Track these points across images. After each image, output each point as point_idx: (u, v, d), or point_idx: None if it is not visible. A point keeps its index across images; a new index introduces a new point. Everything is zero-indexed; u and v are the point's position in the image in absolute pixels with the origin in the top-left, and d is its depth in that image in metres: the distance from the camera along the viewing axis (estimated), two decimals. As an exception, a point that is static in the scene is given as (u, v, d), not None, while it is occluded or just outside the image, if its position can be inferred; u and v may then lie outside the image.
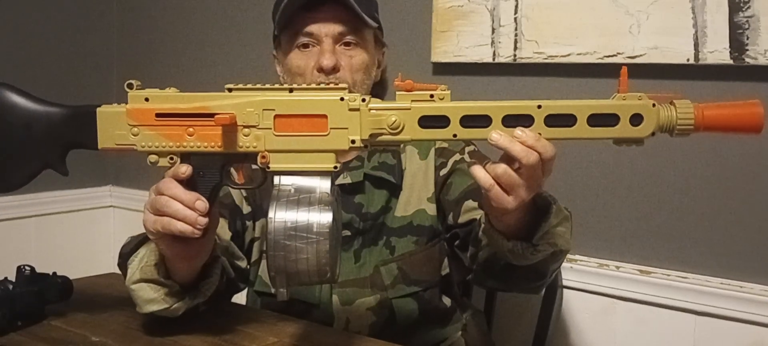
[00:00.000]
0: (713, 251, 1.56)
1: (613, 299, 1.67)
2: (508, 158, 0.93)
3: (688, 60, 1.51)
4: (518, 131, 0.92)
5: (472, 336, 1.39)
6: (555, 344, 1.68)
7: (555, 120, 0.94)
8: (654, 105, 0.93)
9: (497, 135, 0.93)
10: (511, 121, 0.94)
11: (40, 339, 1.12)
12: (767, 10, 1.43)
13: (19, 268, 1.19)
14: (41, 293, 1.19)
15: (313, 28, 1.26)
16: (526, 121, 0.94)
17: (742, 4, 1.45)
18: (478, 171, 0.96)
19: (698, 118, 0.93)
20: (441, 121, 0.95)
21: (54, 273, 1.24)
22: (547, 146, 0.93)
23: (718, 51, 1.47)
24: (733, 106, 0.93)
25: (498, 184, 0.95)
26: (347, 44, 1.28)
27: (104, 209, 2.55)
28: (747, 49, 1.45)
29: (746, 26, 1.45)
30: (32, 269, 1.20)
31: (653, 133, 0.94)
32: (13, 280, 1.18)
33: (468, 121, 0.94)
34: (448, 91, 0.95)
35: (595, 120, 0.93)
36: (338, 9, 1.26)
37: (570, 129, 0.94)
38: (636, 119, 0.93)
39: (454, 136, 0.95)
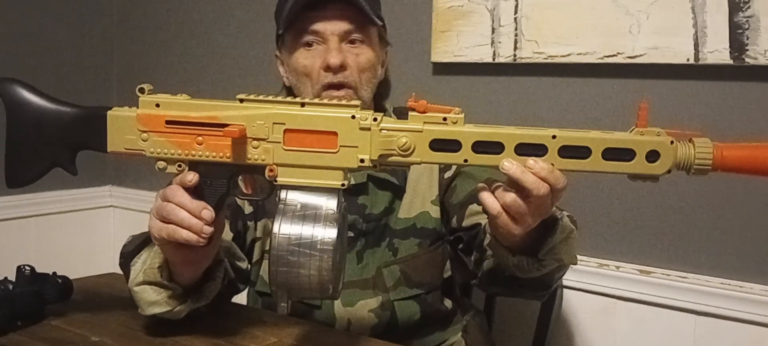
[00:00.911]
0: (713, 251, 1.56)
1: (613, 298, 1.67)
2: (518, 187, 0.92)
3: (688, 60, 1.51)
4: (531, 162, 0.91)
5: (473, 337, 1.39)
6: (555, 344, 1.68)
7: (569, 152, 0.92)
8: (672, 142, 0.91)
9: (509, 164, 0.92)
10: (525, 149, 0.92)
11: (40, 339, 1.12)
12: (767, 10, 1.43)
13: (19, 268, 1.19)
14: (41, 293, 1.19)
15: (318, 26, 1.25)
16: (539, 150, 0.92)
17: (742, 4, 1.45)
18: (487, 197, 0.95)
19: (717, 158, 0.91)
20: (453, 145, 0.94)
21: (54, 273, 1.24)
22: (560, 178, 0.92)
23: (718, 51, 1.47)
24: (756, 148, 0.91)
25: (506, 212, 0.94)
26: (353, 42, 1.26)
27: (104, 209, 2.55)
28: (747, 50, 1.45)
29: (746, 26, 1.45)
30: (32, 269, 1.20)
31: (669, 171, 0.92)
32: (13, 280, 1.17)
33: (480, 147, 0.93)
34: (462, 115, 0.94)
35: (611, 154, 0.92)
36: (344, 7, 1.25)
37: (584, 161, 0.92)
38: (653, 156, 0.91)
39: (465, 161, 0.94)
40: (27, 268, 1.20)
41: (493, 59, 1.73)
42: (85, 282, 1.38)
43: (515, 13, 1.69)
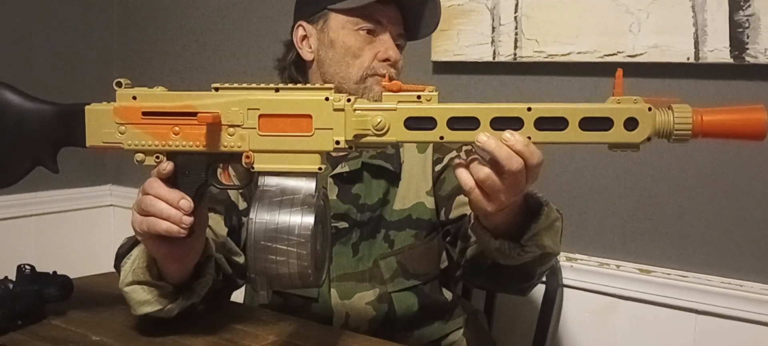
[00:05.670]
0: (713, 250, 1.56)
1: (614, 298, 1.67)
2: (494, 162, 0.92)
3: (688, 59, 1.51)
4: (507, 135, 0.90)
5: (474, 336, 1.39)
6: (555, 344, 1.68)
7: (545, 123, 0.91)
8: (650, 109, 0.90)
9: (485, 138, 0.91)
10: (500, 123, 0.91)
11: (40, 338, 1.12)
12: (767, 9, 1.43)
13: (19, 267, 1.19)
14: (41, 293, 1.19)
15: (385, 19, 1.29)
16: (515, 124, 0.91)
17: (742, 3, 1.45)
18: (462, 172, 0.95)
19: (697, 123, 0.89)
20: (428, 122, 0.93)
21: (54, 272, 1.24)
22: (534, 152, 0.91)
23: (718, 50, 1.47)
24: (735, 112, 0.89)
25: (479, 187, 0.94)
26: (398, 46, 1.32)
27: (104, 208, 2.55)
28: (747, 48, 1.45)
29: (746, 25, 1.45)
30: (32, 268, 1.20)
31: (649, 139, 0.91)
32: (14, 279, 1.18)
33: (455, 123, 0.92)
34: (436, 93, 0.94)
35: (588, 124, 0.90)
36: (399, 11, 1.31)
37: (561, 133, 0.91)
38: (631, 124, 0.90)
39: (441, 138, 0.93)
40: (27, 267, 1.20)
41: (494, 58, 1.73)
42: (85, 281, 1.38)
43: (515, 11, 1.69)
